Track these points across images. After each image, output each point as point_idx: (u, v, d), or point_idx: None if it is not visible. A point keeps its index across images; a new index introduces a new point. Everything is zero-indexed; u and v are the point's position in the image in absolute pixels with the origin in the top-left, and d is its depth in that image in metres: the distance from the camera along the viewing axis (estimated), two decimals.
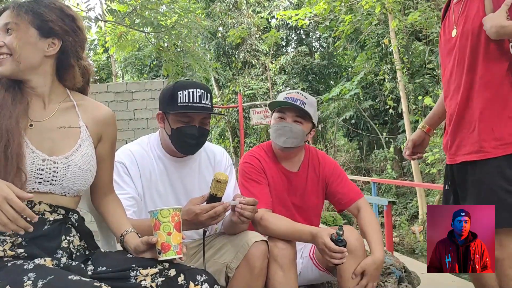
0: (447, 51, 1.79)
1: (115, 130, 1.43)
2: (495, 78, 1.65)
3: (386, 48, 11.21)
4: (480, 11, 1.64)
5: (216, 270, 1.63)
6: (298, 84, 14.00)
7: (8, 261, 1.09)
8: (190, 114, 1.66)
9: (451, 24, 1.78)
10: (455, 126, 1.75)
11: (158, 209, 1.25)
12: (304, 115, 1.93)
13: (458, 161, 1.74)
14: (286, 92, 2.01)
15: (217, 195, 1.51)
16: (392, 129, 12.52)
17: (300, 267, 1.90)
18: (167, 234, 1.23)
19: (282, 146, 1.93)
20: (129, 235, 1.33)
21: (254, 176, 1.92)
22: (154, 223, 1.25)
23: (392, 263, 2.07)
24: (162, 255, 1.23)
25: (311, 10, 10.71)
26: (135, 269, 1.23)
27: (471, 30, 1.66)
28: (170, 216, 1.24)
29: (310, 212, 2.04)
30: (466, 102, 1.70)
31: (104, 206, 1.41)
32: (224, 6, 14.47)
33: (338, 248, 1.63)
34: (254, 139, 14.25)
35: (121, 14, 5.11)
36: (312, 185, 2.03)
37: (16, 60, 1.21)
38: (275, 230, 1.76)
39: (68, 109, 1.33)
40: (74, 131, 1.30)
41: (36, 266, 1.06)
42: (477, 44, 1.66)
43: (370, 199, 6.71)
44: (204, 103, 1.67)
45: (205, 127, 1.71)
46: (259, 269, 1.61)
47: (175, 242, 1.23)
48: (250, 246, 1.60)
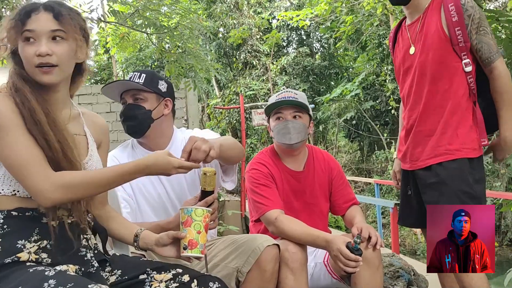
0: (406, 68, 1.92)
1: (109, 139, 1.46)
2: (458, 89, 1.79)
3: (388, 49, 11.20)
4: (439, 28, 1.79)
5: (227, 274, 1.62)
6: (299, 84, 14.00)
7: (30, 267, 1.09)
8: (123, 94, 1.77)
9: (407, 43, 1.92)
10: (416, 134, 1.87)
11: (192, 207, 1.29)
12: (301, 109, 1.96)
13: (421, 166, 1.84)
14: (275, 95, 2.04)
15: (206, 189, 1.49)
16: (393, 129, 12.51)
17: (311, 271, 1.89)
18: (197, 232, 1.26)
19: (289, 144, 1.94)
20: (144, 232, 1.34)
21: (263, 180, 1.92)
22: (186, 219, 1.27)
23: (401, 266, 2.06)
24: (188, 251, 1.25)
25: (312, 11, 10.72)
26: (150, 273, 1.23)
27: (432, 45, 1.81)
28: (203, 216, 1.28)
29: (317, 215, 2.04)
30: (428, 111, 1.83)
31: (107, 215, 1.40)
32: (225, 7, 14.46)
33: (354, 256, 1.61)
34: (255, 140, 14.25)
35: (124, 15, 5.09)
36: (320, 182, 2.04)
37: (62, 70, 1.21)
38: (289, 233, 1.75)
39: (76, 116, 1.34)
40: (83, 138, 1.32)
41: (58, 273, 1.05)
42: (439, 57, 1.80)
43: (374, 201, 6.71)
44: (131, 80, 1.73)
45: (138, 103, 1.74)
46: (270, 273, 1.60)
47: (202, 241, 1.27)
48: (262, 250, 1.59)
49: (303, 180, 2.02)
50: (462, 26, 1.76)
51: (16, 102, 1.15)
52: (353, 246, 1.63)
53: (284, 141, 1.94)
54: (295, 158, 2.03)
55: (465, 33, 1.76)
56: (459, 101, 1.79)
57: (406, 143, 1.93)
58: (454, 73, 1.80)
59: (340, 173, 2.10)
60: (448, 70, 1.80)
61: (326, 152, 2.19)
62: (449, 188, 1.75)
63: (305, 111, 1.97)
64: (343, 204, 2.05)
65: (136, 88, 1.74)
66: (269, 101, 2.04)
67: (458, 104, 1.79)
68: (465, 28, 1.76)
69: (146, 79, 1.74)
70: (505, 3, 8.25)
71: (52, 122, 1.17)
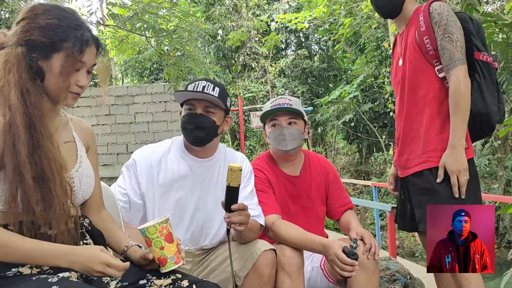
0: (397, 80, 1.99)
1: (96, 143, 1.45)
2: (436, 96, 1.84)
3: (386, 51, 11.23)
4: (413, 39, 1.88)
5: (225, 278, 1.64)
6: (297, 87, 14.03)
7: (33, 275, 1.10)
8: (192, 101, 1.73)
9: (397, 55, 2.00)
10: (403, 142, 1.93)
11: (144, 227, 1.26)
12: (296, 115, 1.98)
13: (409, 173, 1.90)
14: (270, 102, 2.06)
15: (231, 185, 1.50)
16: (392, 132, 12.54)
17: (308, 275, 1.91)
18: (159, 249, 1.25)
19: (285, 150, 1.96)
20: (130, 249, 1.34)
21: (259, 186, 1.93)
22: (145, 241, 1.27)
23: (397, 270, 2.08)
24: (162, 268, 1.26)
25: (311, 13, 10.75)
26: (150, 279, 1.25)
27: (409, 57, 1.89)
28: (157, 231, 1.26)
29: (314, 219, 2.06)
30: (410, 119, 1.90)
31: (102, 224, 1.39)
32: (224, 9, 14.49)
33: (350, 260, 1.64)
34: (254, 142, 14.26)
35: (123, 18, 5.10)
36: (316, 186, 2.06)
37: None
38: (286, 238, 1.77)
39: (65, 123, 1.34)
40: (72, 144, 1.32)
41: (61, 279, 1.06)
42: (414, 67, 1.87)
43: (372, 204, 6.72)
44: (206, 92, 1.71)
45: (210, 116, 1.73)
46: (267, 277, 1.62)
47: (170, 253, 1.26)
48: (259, 255, 1.60)
49: (299, 184, 2.04)
50: (429, 34, 1.82)
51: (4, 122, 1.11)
52: (349, 251, 1.65)
53: (280, 147, 1.97)
54: (291, 163, 2.05)
55: (433, 41, 1.81)
56: (439, 108, 1.83)
57: (397, 150, 1.99)
58: (430, 81, 1.84)
59: (336, 177, 2.13)
60: (423, 78, 1.85)
61: (322, 156, 2.23)
62: (436, 194, 1.78)
63: (300, 117, 2.00)
64: (339, 208, 2.07)
65: (210, 101, 1.72)
66: (264, 108, 2.06)
67: (437, 111, 1.83)
68: (433, 36, 1.81)
69: (219, 93, 1.74)
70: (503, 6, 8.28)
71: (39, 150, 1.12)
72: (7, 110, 1.11)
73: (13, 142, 1.09)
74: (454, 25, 1.80)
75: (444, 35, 1.79)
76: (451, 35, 1.79)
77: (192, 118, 1.71)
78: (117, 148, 6.90)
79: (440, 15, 1.80)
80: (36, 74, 1.17)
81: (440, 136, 1.82)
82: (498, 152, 8.92)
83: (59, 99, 1.21)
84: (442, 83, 1.84)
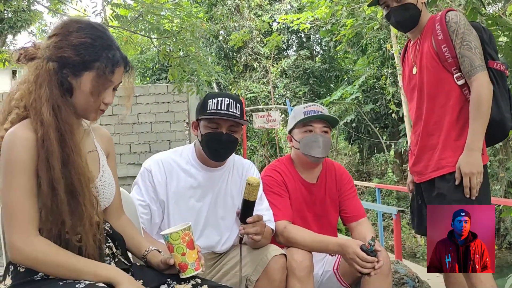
0: (411, 87, 2.02)
1: (114, 149, 1.47)
2: (455, 104, 1.87)
3: (388, 53, 11.24)
4: (430, 47, 1.91)
5: (237, 282, 1.66)
6: (299, 87, 14.03)
7: (59, 280, 1.12)
8: (217, 120, 1.72)
9: (410, 63, 2.02)
10: (420, 149, 1.96)
11: (167, 233, 1.29)
12: (329, 124, 1.99)
13: (425, 179, 1.93)
14: (303, 106, 2.03)
15: (249, 199, 1.54)
16: (393, 132, 12.56)
17: (319, 279, 1.92)
18: (181, 255, 1.27)
19: (317, 157, 1.95)
20: (150, 254, 1.36)
21: (276, 189, 1.94)
22: (168, 246, 1.29)
23: (405, 273, 2.09)
24: (182, 274, 1.28)
25: (313, 14, 10.74)
26: (170, 284, 1.27)
27: (426, 65, 1.91)
28: (180, 238, 1.28)
29: (327, 225, 2.06)
30: (428, 126, 1.93)
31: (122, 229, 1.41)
32: (226, 10, 14.48)
33: (371, 258, 1.64)
34: (255, 142, 14.26)
35: (127, 20, 5.10)
36: (330, 195, 2.07)
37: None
38: (300, 241, 1.78)
39: (87, 132, 1.36)
40: (95, 153, 1.34)
41: (87, 285, 1.09)
42: (433, 76, 1.90)
43: (376, 207, 6.70)
44: (231, 111, 1.71)
45: (233, 134, 1.74)
46: (278, 282, 1.64)
47: (191, 260, 1.28)
48: (270, 259, 1.62)
49: (315, 192, 2.04)
50: (447, 43, 1.85)
51: (37, 138, 1.13)
52: (368, 248, 1.66)
53: (313, 153, 1.95)
54: (311, 171, 2.05)
55: (451, 49, 1.84)
56: (458, 116, 1.86)
57: (413, 157, 2.01)
58: (449, 89, 1.87)
59: (351, 187, 2.11)
60: (443, 86, 1.88)
61: (338, 164, 2.21)
62: (448, 197, 1.81)
63: (331, 128, 2.01)
64: (351, 218, 2.05)
65: (235, 121, 1.73)
66: (296, 112, 2.02)
67: (456, 118, 1.86)
68: (451, 44, 1.84)
69: (240, 109, 1.75)
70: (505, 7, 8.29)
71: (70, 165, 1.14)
72: (39, 125, 1.13)
73: (47, 157, 1.12)
74: (471, 34, 1.83)
75: (463, 43, 1.82)
76: (470, 43, 1.82)
77: (217, 137, 1.71)
78: (120, 149, 6.92)
79: (457, 24, 1.83)
80: (66, 91, 1.19)
81: (457, 143, 1.85)
82: (499, 154, 8.94)
83: (87, 116, 1.24)
84: (461, 90, 1.87)
